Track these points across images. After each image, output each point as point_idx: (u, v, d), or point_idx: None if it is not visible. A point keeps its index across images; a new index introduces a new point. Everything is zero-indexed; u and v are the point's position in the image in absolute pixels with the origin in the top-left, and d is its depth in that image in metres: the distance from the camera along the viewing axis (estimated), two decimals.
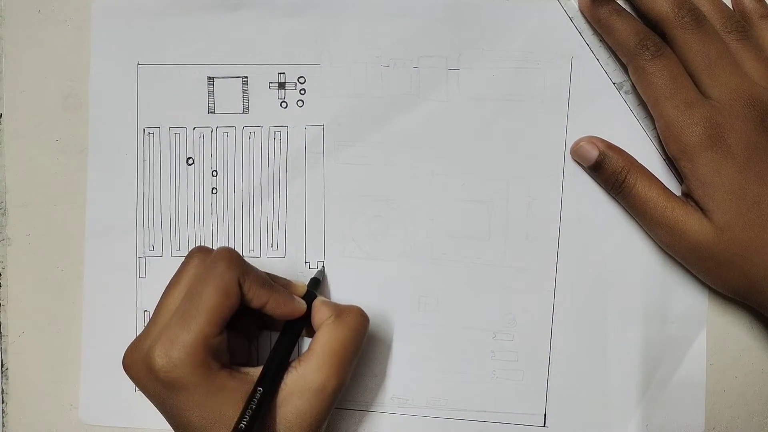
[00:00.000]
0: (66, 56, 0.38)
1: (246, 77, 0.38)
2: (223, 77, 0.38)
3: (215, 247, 0.34)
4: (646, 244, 0.37)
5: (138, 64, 0.38)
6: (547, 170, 0.37)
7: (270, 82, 0.38)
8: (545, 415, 0.38)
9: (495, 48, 0.37)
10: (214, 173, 0.38)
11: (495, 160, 0.37)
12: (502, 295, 0.38)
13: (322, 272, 0.38)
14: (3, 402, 0.39)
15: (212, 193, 0.38)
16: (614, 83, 0.37)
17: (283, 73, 0.38)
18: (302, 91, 0.38)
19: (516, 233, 0.37)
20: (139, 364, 0.31)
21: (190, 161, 0.38)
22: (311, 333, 0.34)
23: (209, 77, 0.38)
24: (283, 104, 0.38)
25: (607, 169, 0.36)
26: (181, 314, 0.31)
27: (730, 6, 0.36)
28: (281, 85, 0.38)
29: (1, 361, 0.39)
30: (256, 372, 0.32)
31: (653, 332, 0.37)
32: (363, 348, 0.34)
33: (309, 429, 0.31)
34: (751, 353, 0.37)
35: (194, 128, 0.38)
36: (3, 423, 0.39)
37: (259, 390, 0.31)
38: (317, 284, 0.37)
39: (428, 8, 0.37)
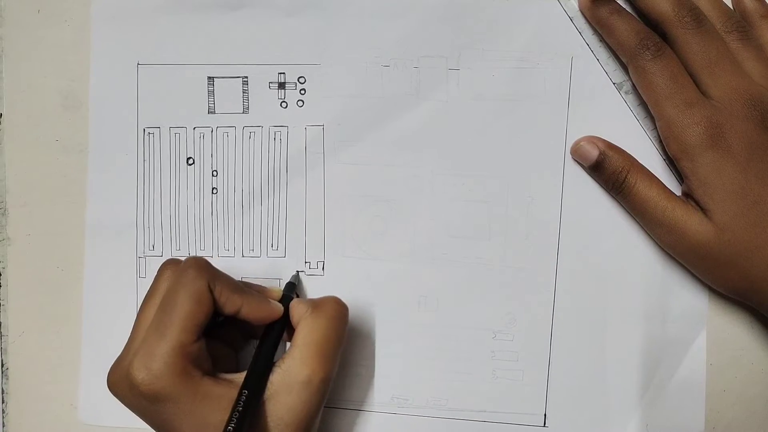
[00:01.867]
0: (66, 56, 0.38)
1: (246, 77, 0.38)
2: (223, 77, 0.38)
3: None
4: (646, 244, 0.37)
5: (138, 64, 0.38)
6: (547, 170, 0.37)
7: (270, 82, 0.38)
8: (545, 415, 0.38)
9: (495, 48, 0.37)
10: (214, 173, 0.38)
11: (495, 160, 0.37)
12: (502, 295, 0.38)
13: (297, 276, 0.38)
14: (3, 402, 0.39)
15: (212, 193, 0.38)
16: (614, 83, 0.37)
17: (283, 73, 0.38)
18: (302, 91, 0.38)
19: (516, 233, 0.37)
20: (121, 382, 0.31)
21: (190, 161, 0.38)
22: (292, 335, 0.34)
23: (209, 77, 0.38)
24: (283, 104, 0.38)
25: (607, 169, 0.36)
26: (156, 326, 0.31)
27: (731, 6, 0.36)
28: (281, 85, 0.38)
29: (1, 361, 0.39)
30: (240, 377, 0.32)
31: (653, 332, 0.37)
32: (347, 337, 0.34)
33: (301, 423, 0.31)
34: (751, 353, 0.37)
35: (194, 128, 0.38)
36: (3, 423, 0.39)
37: (245, 392, 0.30)
38: (293, 288, 0.36)
39: (428, 8, 0.37)
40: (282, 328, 0.34)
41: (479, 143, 0.37)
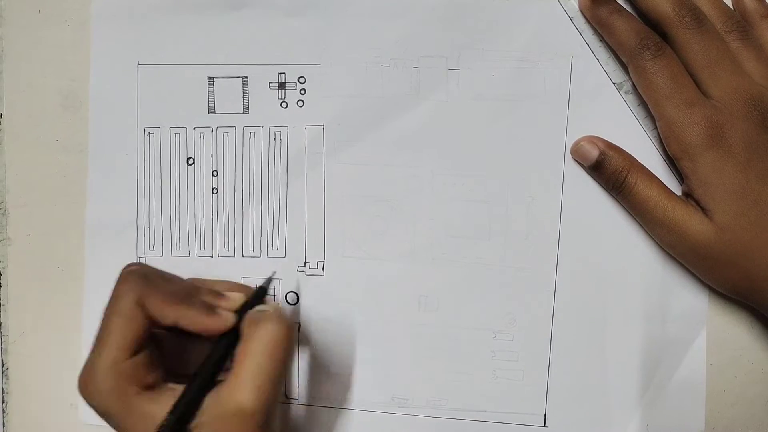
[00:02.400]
0: (66, 56, 0.38)
1: (246, 77, 0.38)
2: (223, 77, 0.38)
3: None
4: (646, 244, 0.37)
5: (138, 64, 0.38)
6: (547, 170, 0.37)
7: (270, 82, 0.38)
8: (545, 415, 0.38)
9: (495, 48, 0.37)
10: (215, 173, 0.38)
11: (495, 159, 0.37)
12: (502, 295, 0.38)
13: (269, 280, 0.34)
14: (3, 402, 0.39)
15: (212, 193, 0.38)
16: (614, 83, 0.37)
17: (283, 73, 0.38)
18: (302, 91, 0.38)
19: (516, 233, 0.37)
20: (79, 391, 0.30)
21: (191, 161, 0.38)
22: None
23: (209, 77, 0.38)
24: (283, 104, 0.38)
25: (608, 169, 0.36)
26: (95, 342, 0.30)
27: (731, 6, 0.36)
28: (281, 85, 0.38)
29: (1, 361, 0.39)
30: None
31: (653, 332, 0.37)
32: (292, 359, 0.31)
33: None
34: (751, 353, 0.37)
35: (194, 128, 0.38)
36: (3, 423, 0.39)
37: (170, 416, 0.29)
38: (262, 295, 0.33)
39: (428, 8, 0.37)
40: (230, 342, 0.30)
41: (479, 143, 0.37)
